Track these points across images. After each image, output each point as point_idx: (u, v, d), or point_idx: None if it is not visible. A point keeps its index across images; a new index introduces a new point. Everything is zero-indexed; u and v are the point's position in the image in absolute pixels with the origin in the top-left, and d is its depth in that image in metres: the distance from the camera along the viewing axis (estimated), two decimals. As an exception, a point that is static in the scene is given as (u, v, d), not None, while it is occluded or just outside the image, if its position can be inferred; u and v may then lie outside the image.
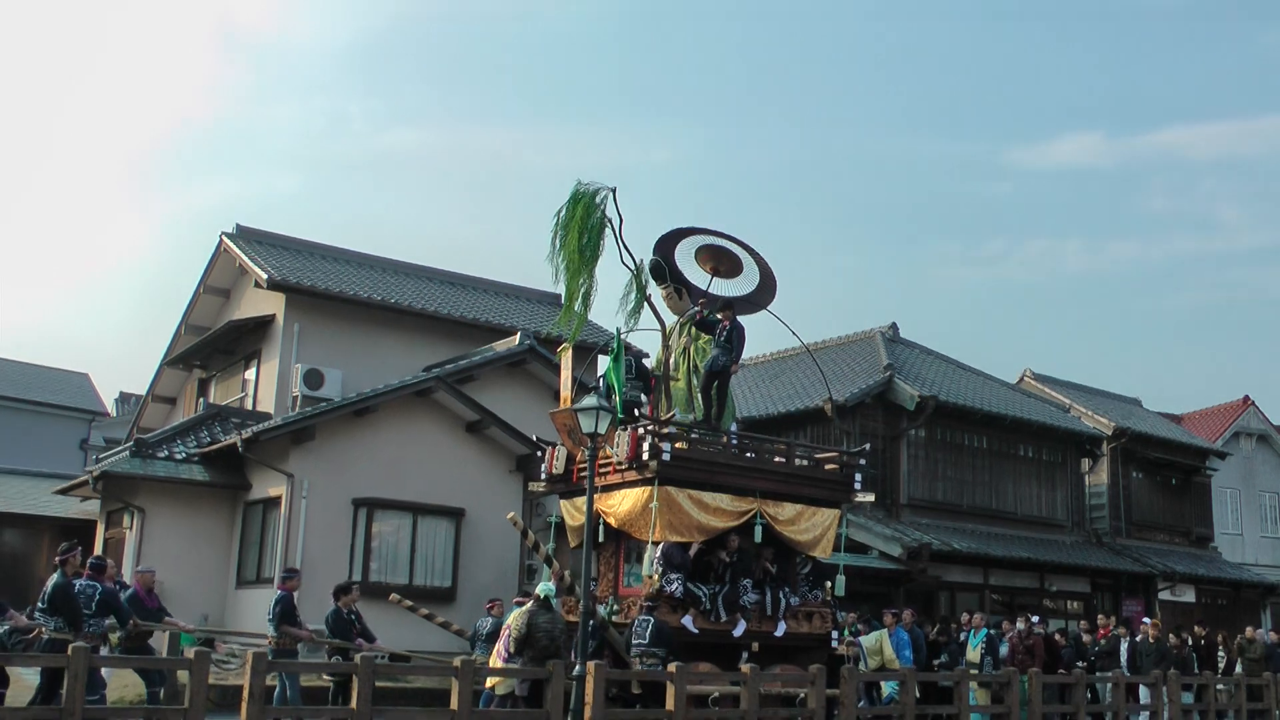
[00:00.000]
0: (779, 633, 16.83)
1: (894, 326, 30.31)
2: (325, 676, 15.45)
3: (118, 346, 77.58)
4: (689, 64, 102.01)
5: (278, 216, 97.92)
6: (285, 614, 15.18)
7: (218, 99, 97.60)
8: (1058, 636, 22.23)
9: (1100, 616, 23.94)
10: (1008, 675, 18.09)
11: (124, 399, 47.58)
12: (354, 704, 12.41)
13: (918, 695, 17.12)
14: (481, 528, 21.18)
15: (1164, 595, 30.42)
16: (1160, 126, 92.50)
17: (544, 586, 15.10)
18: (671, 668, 14.43)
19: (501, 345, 23.22)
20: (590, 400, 14.91)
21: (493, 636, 16.53)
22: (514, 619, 14.96)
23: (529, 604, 15.06)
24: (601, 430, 14.93)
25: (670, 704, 14.17)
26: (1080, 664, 20.71)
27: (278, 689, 14.55)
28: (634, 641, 15.32)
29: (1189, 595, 31.43)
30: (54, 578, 13.07)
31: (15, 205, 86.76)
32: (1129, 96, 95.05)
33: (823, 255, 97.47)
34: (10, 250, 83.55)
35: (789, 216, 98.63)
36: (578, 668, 13.85)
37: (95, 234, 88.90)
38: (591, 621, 15.27)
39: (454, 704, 12.98)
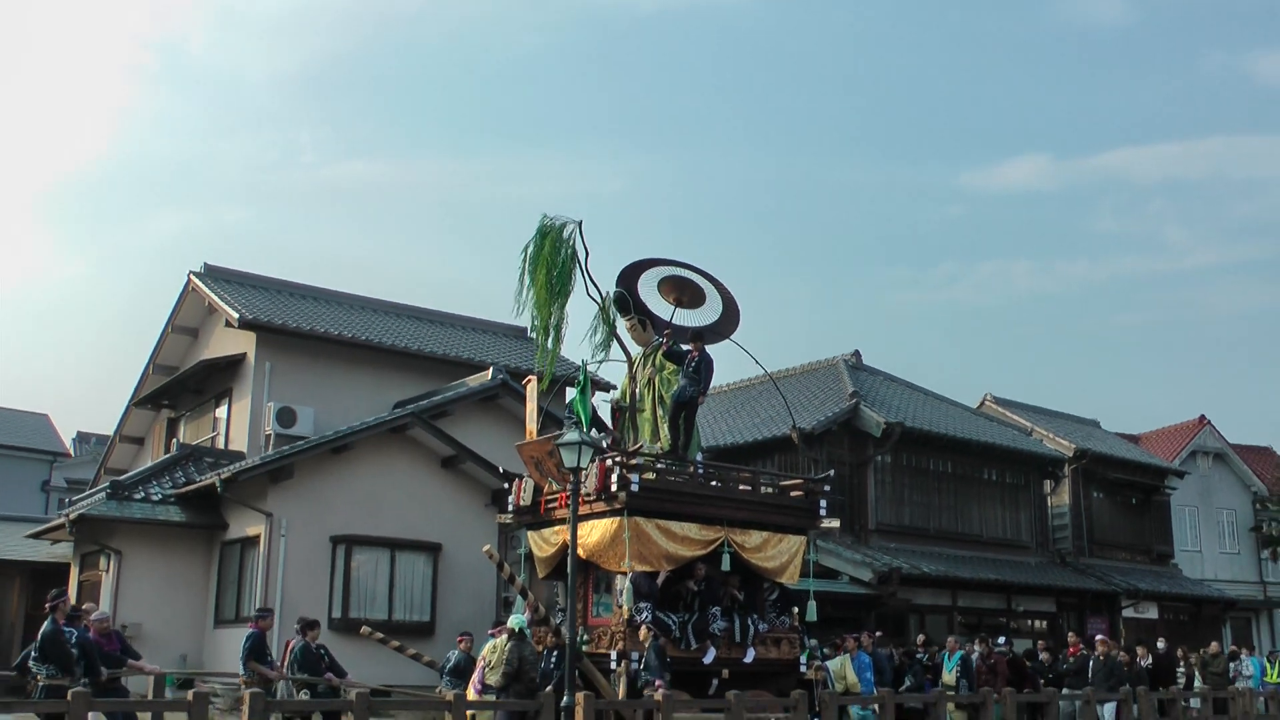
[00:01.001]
0: (748, 659, 16.96)
1: (857, 354, 30.71)
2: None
3: (73, 385, 77.15)
4: (642, 93, 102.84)
5: (231, 250, 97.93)
6: (254, 650, 15.36)
7: (168, 132, 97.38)
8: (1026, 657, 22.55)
9: (1071, 635, 24.28)
10: (983, 695, 18.43)
11: (82, 438, 47.44)
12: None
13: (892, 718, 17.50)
14: (459, 561, 21.32)
15: (1128, 613, 30.88)
16: (1107, 148, 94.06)
17: (516, 619, 15.32)
18: (658, 695, 14.68)
19: (474, 380, 23.42)
20: (572, 435, 15.10)
21: (459, 669, 16.73)
22: (491, 652, 15.15)
23: (503, 638, 15.25)
24: (584, 464, 15.16)
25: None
26: (1041, 682, 21.08)
27: None
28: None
29: (1152, 612, 31.92)
30: (45, 626, 13.13)
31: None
32: (1076, 119, 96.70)
33: (778, 281, 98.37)
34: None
35: (744, 244, 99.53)
36: (566, 698, 14.06)
37: (40, 270, 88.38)
38: (558, 653, 15.55)
39: (447, 737, 13.23)
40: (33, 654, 13.20)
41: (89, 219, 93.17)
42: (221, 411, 25.41)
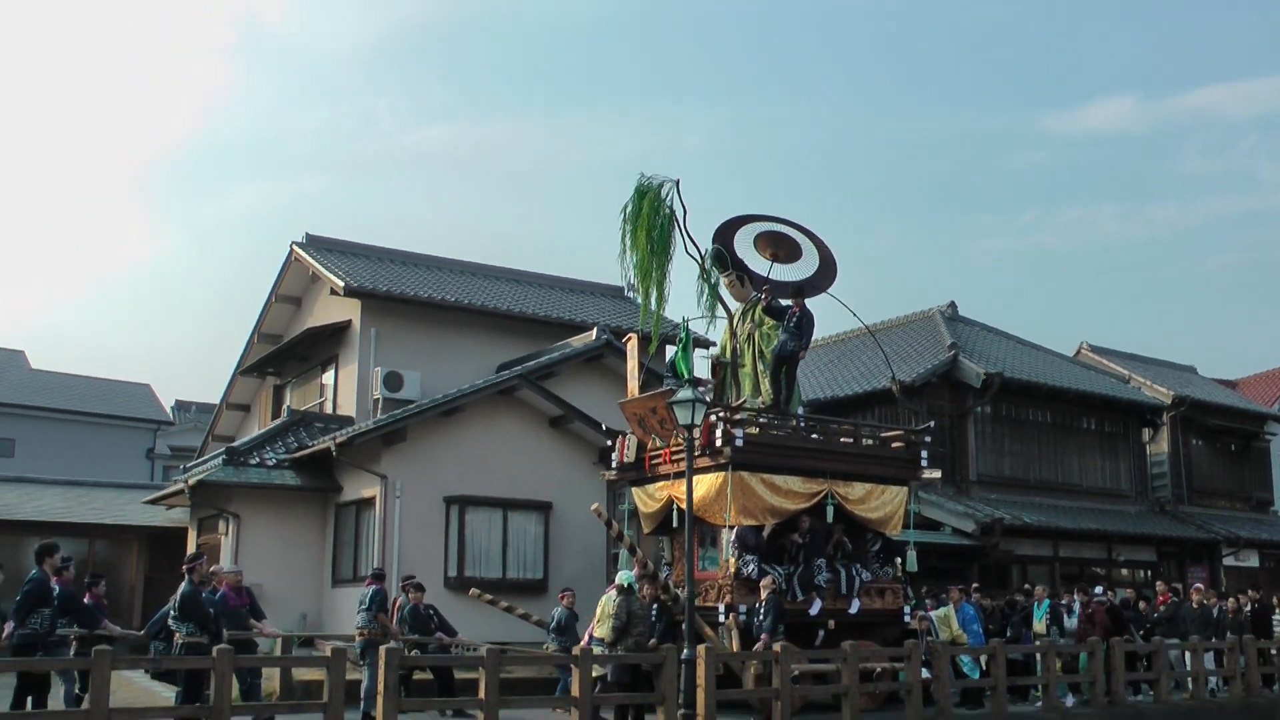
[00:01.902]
0: (853, 610, 17.25)
1: (953, 305, 30.64)
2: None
3: (170, 355, 78.61)
4: (719, 46, 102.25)
5: (314, 220, 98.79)
6: (381, 604, 15.87)
7: (247, 106, 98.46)
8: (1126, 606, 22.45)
9: (1160, 584, 24.22)
10: (1091, 645, 18.48)
11: (181, 406, 48.25)
12: (481, 694, 12.97)
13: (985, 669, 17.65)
14: (568, 520, 21.70)
15: (1228, 561, 30.63)
16: (1195, 86, 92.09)
17: (625, 574, 15.58)
18: (777, 647, 14.95)
19: (578, 340, 23.72)
20: (686, 393, 15.29)
21: (561, 626, 17.06)
22: (605, 604, 15.41)
23: (612, 592, 15.53)
24: (698, 421, 15.36)
25: (776, 681, 14.71)
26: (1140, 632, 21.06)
27: (365, 680, 15.00)
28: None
29: (1253, 560, 31.63)
30: (183, 586, 13.57)
31: (29, 215, 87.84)
32: (1162, 58, 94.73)
33: (861, 233, 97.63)
34: (42, 259, 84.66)
35: (826, 196, 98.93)
36: (687, 651, 14.36)
37: (134, 248, 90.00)
38: (659, 606, 15.86)
39: (575, 690, 13.55)
40: (172, 612, 13.62)
41: (176, 196, 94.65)
42: (328, 377, 25.96)
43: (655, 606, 15.91)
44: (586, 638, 15.88)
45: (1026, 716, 17.33)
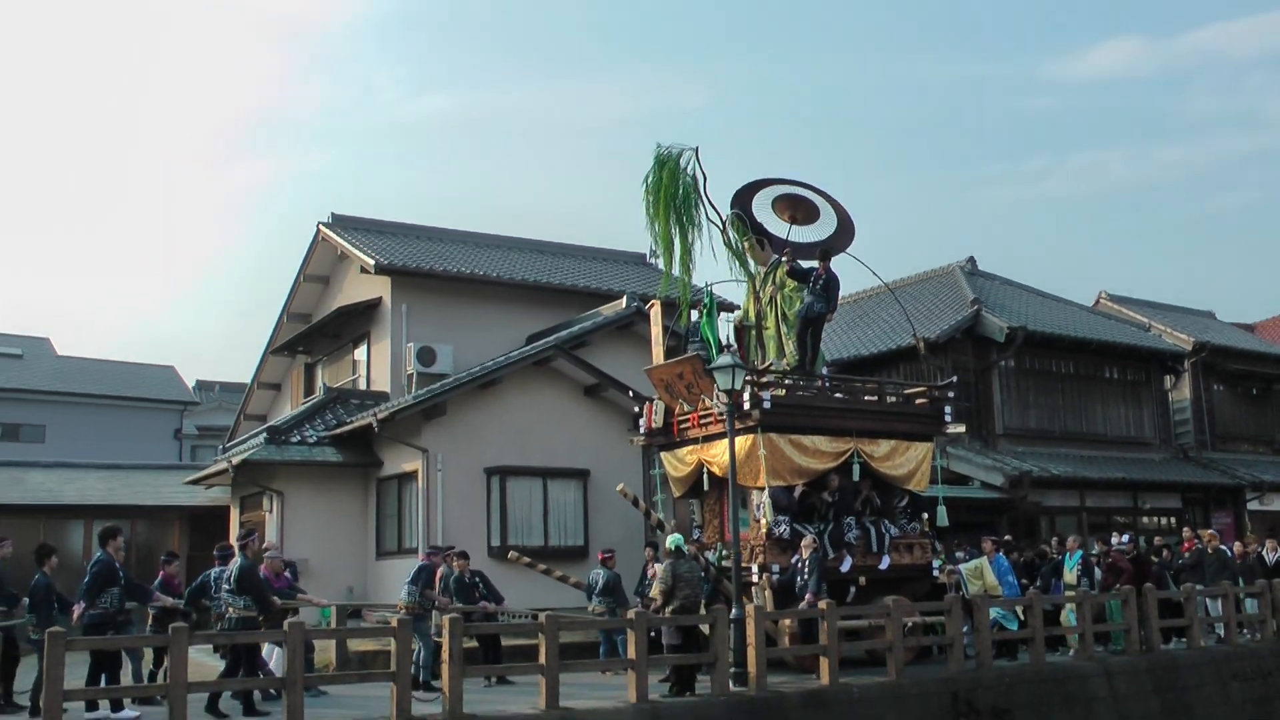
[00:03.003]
0: (883, 566, 17.62)
1: (972, 260, 30.86)
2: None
3: (184, 334, 79.00)
4: (709, 3, 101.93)
5: (317, 195, 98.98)
6: (427, 580, 16.26)
7: (242, 81, 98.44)
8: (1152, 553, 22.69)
9: (1185, 530, 24.47)
10: (1125, 594, 18.75)
11: (203, 386, 48.68)
12: (543, 659, 13.32)
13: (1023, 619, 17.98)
14: (607, 486, 21.89)
15: (1253, 505, 30.83)
16: (1200, 24, 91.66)
17: (673, 537, 15.75)
18: (823, 604, 15.31)
19: (608, 309, 24.00)
20: (725, 359, 15.55)
21: (609, 588, 17.42)
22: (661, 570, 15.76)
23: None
24: (738, 385, 15.66)
25: (824, 639, 15.09)
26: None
27: (418, 651, 15.29)
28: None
29: (1277, 504, 31.90)
30: (238, 560, 13.94)
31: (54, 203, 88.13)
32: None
33: (870, 188, 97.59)
34: (57, 245, 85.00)
35: (833, 152, 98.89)
36: (735, 611, 14.72)
37: (130, 226, 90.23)
38: (706, 569, 16.22)
39: (631, 653, 13.90)
40: (226, 586, 13.96)
41: (171, 173, 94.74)
42: (360, 354, 26.30)
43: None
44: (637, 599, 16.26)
45: (1063, 667, 17.58)
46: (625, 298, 23.64)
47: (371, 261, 24.40)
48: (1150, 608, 18.88)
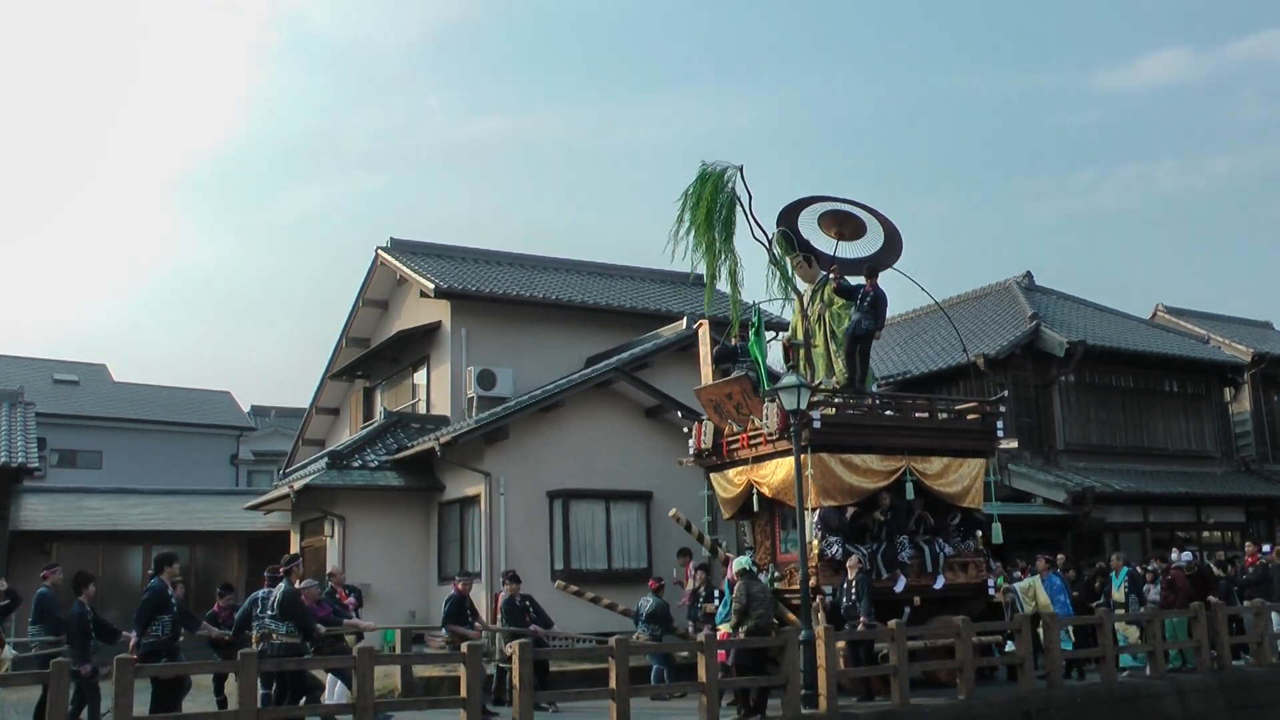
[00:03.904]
0: (938, 585, 17.45)
1: (1029, 275, 30.73)
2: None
3: (239, 360, 79.55)
4: (756, 22, 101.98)
5: (372, 218, 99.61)
6: (450, 613, 16.33)
7: (296, 107, 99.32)
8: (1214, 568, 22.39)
9: (1248, 544, 24.21)
10: (1195, 610, 18.48)
11: (258, 412, 49.02)
12: (613, 684, 13.33)
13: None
14: (669, 509, 21.96)
15: (1317, 518, 30.57)
16: (1248, 32, 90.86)
17: (741, 560, 15.66)
18: (892, 624, 15.23)
19: (668, 330, 23.98)
20: (791, 379, 15.51)
21: (656, 615, 17.33)
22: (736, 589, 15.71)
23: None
24: (804, 405, 15.58)
25: (894, 658, 15.01)
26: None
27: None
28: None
29: (1342, 516, 31.51)
30: (282, 586, 13.84)
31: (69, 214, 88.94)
32: (1212, 6, 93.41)
33: (919, 204, 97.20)
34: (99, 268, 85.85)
35: (880, 169, 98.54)
36: (804, 633, 14.64)
37: (185, 252, 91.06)
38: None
39: (701, 676, 13.87)
40: (270, 612, 13.89)
41: (227, 199, 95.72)
42: (419, 378, 26.41)
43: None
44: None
45: (1135, 686, 17.42)
46: (685, 319, 23.62)
47: (431, 285, 24.51)
48: (1220, 624, 18.68)
